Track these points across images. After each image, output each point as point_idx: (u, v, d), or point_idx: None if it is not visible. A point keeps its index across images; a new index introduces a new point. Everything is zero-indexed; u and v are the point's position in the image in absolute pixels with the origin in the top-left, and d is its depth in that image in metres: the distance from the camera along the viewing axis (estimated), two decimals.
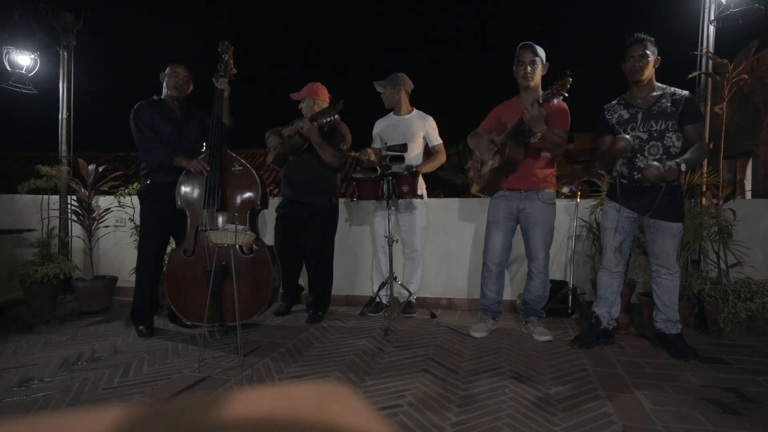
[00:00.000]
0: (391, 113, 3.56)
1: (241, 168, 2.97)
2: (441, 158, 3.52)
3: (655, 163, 2.39)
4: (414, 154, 3.38)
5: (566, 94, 2.48)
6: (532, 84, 2.83)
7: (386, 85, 3.47)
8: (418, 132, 3.45)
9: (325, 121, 3.07)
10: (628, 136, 2.45)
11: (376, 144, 3.55)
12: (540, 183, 2.86)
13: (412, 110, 3.52)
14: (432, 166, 3.46)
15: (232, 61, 3.09)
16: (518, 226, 2.99)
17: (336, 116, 3.09)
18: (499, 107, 3.03)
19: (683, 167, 2.39)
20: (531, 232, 2.89)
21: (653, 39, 2.54)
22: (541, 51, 2.83)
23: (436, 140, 3.50)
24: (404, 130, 3.43)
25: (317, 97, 3.33)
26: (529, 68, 2.81)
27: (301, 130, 3.11)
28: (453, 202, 3.85)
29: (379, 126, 3.56)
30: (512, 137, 2.71)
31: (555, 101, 2.76)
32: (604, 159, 2.70)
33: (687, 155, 2.45)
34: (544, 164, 2.88)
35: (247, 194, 2.95)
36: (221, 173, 2.90)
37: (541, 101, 2.50)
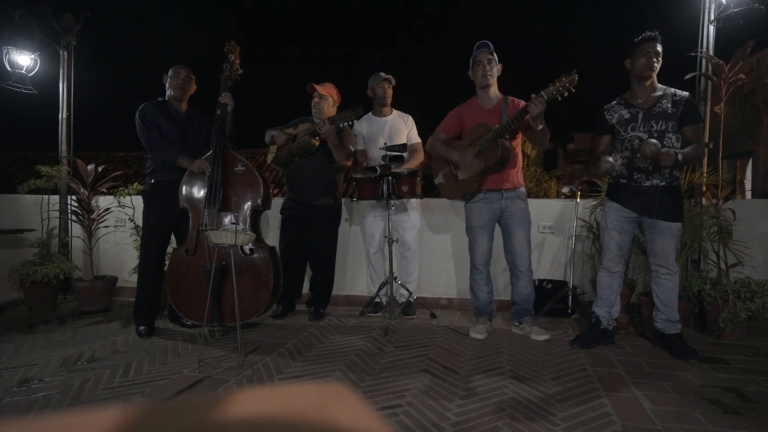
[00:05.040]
0: (370, 114, 3.55)
1: (243, 168, 2.97)
2: (421, 156, 3.56)
3: (654, 140, 2.39)
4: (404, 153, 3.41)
5: (573, 90, 2.47)
6: (492, 82, 2.87)
7: (392, 82, 3.47)
8: (403, 131, 3.48)
9: (342, 125, 3.08)
10: (611, 158, 2.49)
11: (359, 144, 3.54)
12: (517, 182, 2.91)
13: (392, 110, 3.55)
14: (413, 164, 3.46)
15: (238, 62, 3.08)
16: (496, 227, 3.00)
17: (355, 121, 3.08)
18: (458, 109, 3.03)
19: (680, 157, 2.40)
20: (515, 230, 2.90)
21: None
22: (494, 52, 2.87)
23: (416, 138, 3.55)
24: (391, 130, 3.44)
25: (336, 99, 3.37)
26: (487, 67, 2.84)
27: (319, 131, 3.10)
28: (452, 202, 3.85)
29: (361, 127, 3.53)
30: (502, 135, 2.72)
31: (522, 100, 2.83)
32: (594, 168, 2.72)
33: (686, 150, 2.46)
34: (519, 163, 2.94)
35: (249, 194, 2.95)
36: (224, 173, 2.90)
37: (545, 96, 2.50)
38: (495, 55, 2.87)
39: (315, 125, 3.15)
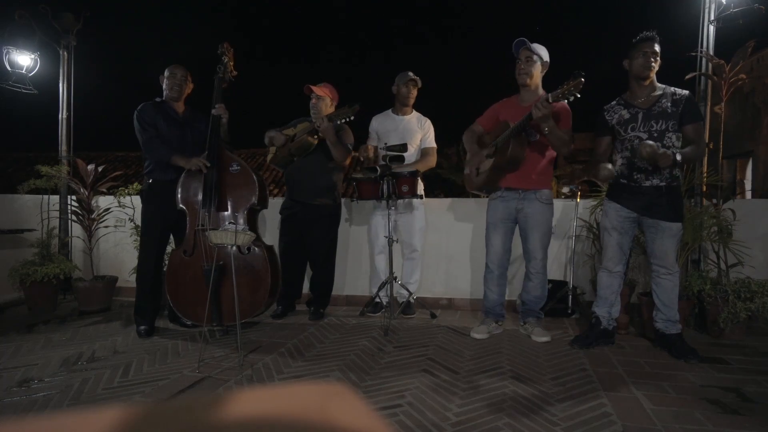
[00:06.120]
0: (390, 111, 3.56)
1: (238, 168, 2.97)
2: (432, 161, 3.55)
3: (651, 142, 2.38)
4: (411, 154, 3.40)
5: (578, 95, 2.44)
6: (529, 81, 2.83)
7: (417, 83, 3.48)
8: (417, 133, 3.48)
9: (339, 122, 3.08)
10: (610, 166, 2.50)
11: (373, 140, 3.55)
12: (538, 183, 2.86)
13: (413, 111, 3.54)
14: (421, 167, 3.45)
15: (232, 63, 3.11)
16: (516, 227, 2.98)
17: (352, 118, 3.09)
18: (498, 104, 3.03)
19: (678, 158, 2.39)
20: (529, 233, 2.88)
21: None
22: (540, 49, 2.81)
23: (431, 143, 3.54)
24: (405, 130, 3.44)
25: (334, 99, 3.36)
26: (523, 65, 2.81)
27: (318, 129, 3.11)
28: (452, 202, 3.86)
29: (378, 122, 3.54)
30: (515, 135, 2.70)
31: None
32: (593, 172, 2.71)
33: (685, 150, 2.46)
34: (544, 164, 2.88)
35: (245, 194, 2.95)
36: (219, 173, 2.91)
37: (551, 100, 2.47)
38: (540, 54, 2.80)
39: (313, 123, 3.16)
